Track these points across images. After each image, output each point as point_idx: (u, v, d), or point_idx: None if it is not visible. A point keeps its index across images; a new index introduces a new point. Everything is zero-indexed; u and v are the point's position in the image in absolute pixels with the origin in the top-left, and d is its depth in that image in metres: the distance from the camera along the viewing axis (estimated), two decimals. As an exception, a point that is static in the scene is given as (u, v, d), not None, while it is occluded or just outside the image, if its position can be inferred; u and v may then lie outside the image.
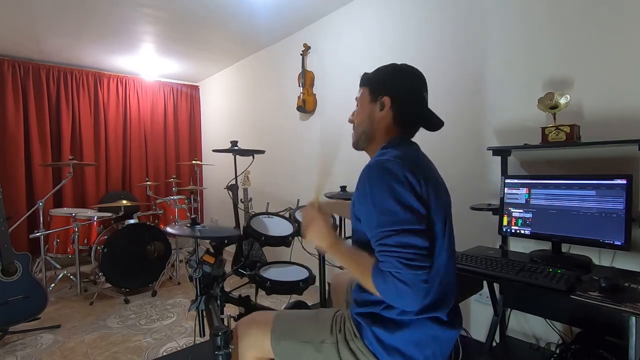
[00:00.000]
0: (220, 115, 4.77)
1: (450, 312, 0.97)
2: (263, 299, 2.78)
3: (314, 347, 1.00)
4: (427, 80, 1.09)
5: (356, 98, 1.14)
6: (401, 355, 0.91)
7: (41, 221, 2.96)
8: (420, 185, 0.89)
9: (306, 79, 3.17)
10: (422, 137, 1.15)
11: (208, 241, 1.54)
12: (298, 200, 3.22)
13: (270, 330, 1.06)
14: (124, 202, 3.26)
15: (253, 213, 2.16)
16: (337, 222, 1.92)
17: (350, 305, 1.06)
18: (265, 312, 1.18)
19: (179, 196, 3.75)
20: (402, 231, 0.84)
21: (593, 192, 1.39)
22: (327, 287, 1.82)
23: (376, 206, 0.88)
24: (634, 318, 1.00)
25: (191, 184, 4.32)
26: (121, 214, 3.31)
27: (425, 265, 0.82)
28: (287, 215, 1.90)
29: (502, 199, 1.66)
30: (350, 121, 1.15)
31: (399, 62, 1.11)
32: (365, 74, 1.12)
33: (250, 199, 3.45)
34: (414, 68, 1.08)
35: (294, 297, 1.64)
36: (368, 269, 0.87)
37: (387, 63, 1.11)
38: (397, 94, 1.04)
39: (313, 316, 1.09)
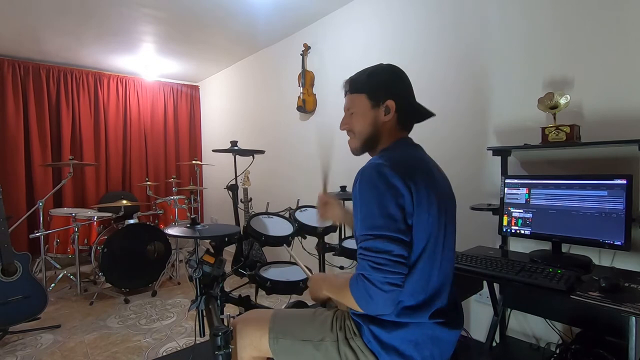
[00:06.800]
0: (220, 115, 4.77)
1: (450, 312, 0.97)
2: (263, 299, 2.78)
3: (313, 346, 1.00)
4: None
5: (346, 107, 1.09)
6: (399, 355, 0.91)
7: (41, 221, 2.97)
8: (411, 192, 0.88)
9: (306, 79, 3.17)
10: (422, 138, 1.15)
11: (208, 241, 1.54)
12: (298, 200, 3.22)
13: (267, 330, 1.06)
14: (124, 202, 3.26)
15: (253, 213, 2.16)
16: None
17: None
18: (262, 311, 1.18)
19: (179, 196, 3.75)
20: (379, 236, 0.85)
21: (593, 192, 1.39)
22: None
23: (362, 210, 0.89)
24: (634, 318, 1.00)
25: (191, 184, 4.32)
26: (121, 214, 3.31)
27: (396, 271, 0.83)
28: (287, 215, 1.90)
29: (502, 199, 1.66)
30: (346, 129, 1.10)
31: (398, 62, 1.11)
32: (353, 80, 1.08)
33: (250, 199, 3.45)
34: (398, 67, 1.08)
35: (294, 297, 1.64)
36: (347, 280, 0.89)
37: (374, 65, 1.09)
38: (400, 96, 1.03)
39: (312, 315, 1.09)
